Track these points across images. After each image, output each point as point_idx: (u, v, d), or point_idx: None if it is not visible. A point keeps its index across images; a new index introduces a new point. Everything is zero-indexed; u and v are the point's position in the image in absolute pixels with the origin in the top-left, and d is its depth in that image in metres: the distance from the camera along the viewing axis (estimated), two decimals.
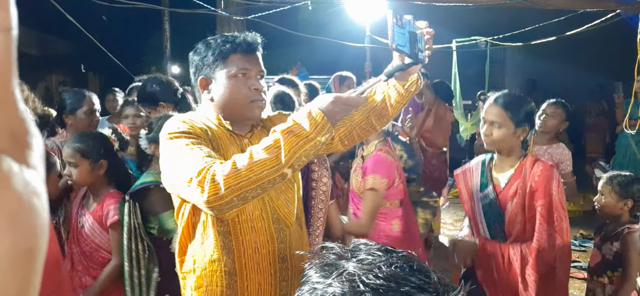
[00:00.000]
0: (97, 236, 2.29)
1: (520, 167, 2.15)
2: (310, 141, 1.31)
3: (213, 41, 1.58)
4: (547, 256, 2.03)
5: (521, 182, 2.11)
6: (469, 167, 2.36)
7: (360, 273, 0.67)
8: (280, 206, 1.59)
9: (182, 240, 1.62)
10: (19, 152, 0.45)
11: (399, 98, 1.54)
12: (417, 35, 1.37)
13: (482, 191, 2.23)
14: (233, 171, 1.29)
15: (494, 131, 2.12)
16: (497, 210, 2.16)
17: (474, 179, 2.29)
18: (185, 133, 1.45)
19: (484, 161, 2.30)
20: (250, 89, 1.54)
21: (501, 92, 2.23)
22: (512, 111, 2.12)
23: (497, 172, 2.22)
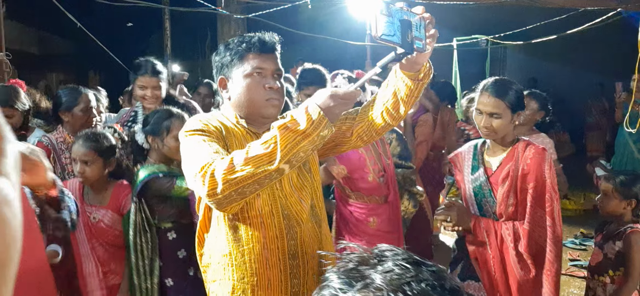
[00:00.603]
0: (118, 225, 2.47)
1: (513, 151, 2.18)
2: (307, 137, 1.31)
3: (232, 42, 1.62)
4: (538, 237, 2.08)
5: (513, 165, 2.13)
6: (462, 151, 2.39)
7: (388, 288, 0.63)
8: (292, 203, 1.60)
9: (200, 233, 1.69)
10: None
11: (408, 91, 1.49)
12: (410, 22, 1.30)
13: (473, 174, 2.26)
14: (230, 166, 1.32)
15: (494, 122, 2.12)
16: (488, 192, 2.20)
17: (465, 162, 2.33)
18: (200, 130, 1.50)
19: (476, 145, 2.33)
20: (266, 88, 1.56)
21: (491, 80, 2.22)
22: (507, 99, 2.13)
23: (489, 156, 2.26)
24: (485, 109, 2.13)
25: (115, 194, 2.48)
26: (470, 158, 2.31)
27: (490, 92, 2.14)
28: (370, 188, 2.61)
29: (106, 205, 2.46)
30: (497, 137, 2.16)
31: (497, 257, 2.12)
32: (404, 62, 1.43)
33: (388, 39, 1.25)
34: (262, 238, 1.55)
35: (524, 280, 2.09)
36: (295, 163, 1.35)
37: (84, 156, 2.36)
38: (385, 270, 0.65)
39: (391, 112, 1.56)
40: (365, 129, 1.64)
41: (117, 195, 2.47)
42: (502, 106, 2.11)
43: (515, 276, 2.09)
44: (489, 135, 2.16)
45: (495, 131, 2.13)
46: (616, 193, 2.46)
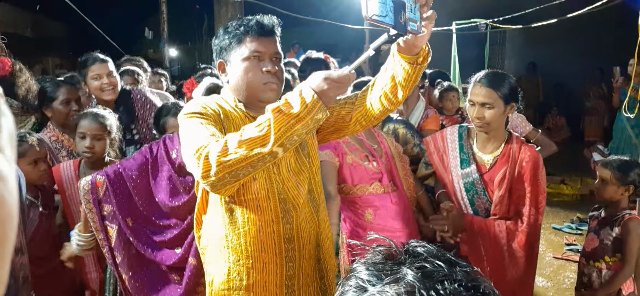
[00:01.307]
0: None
1: (507, 150, 2.18)
2: (301, 120, 1.31)
3: (231, 25, 1.60)
4: (534, 236, 2.15)
5: (510, 168, 2.14)
6: (442, 136, 2.36)
7: (419, 285, 0.61)
8: (289, 187, 1.60)
9: (198, 215, 1.70)
10: None
11: (406, 75, 1.46)
12: (404, 3, 1.26)
13: (464, 169, 2.24)
14: (224, 148, 1.33)
15: (486, 113, 2.12)
16: (482, 190, 2.19)
17: (449, 152, 2.30)
18: (198, 113, 1.50)
19: (460, 133, 2.31)
20: (264, 72, 1.55)
21: (483, 72, 2.21)
22: (500, 90, 2.12)
23: (480, 150, 2.24)
24: (477, 99, 2.13)
25: None
26: (457, 149, 2.28)
27: (482, 83, 2.14)
28: (362, 176, 2.34)
29: None
30: (490, 128, 2.16)
31: (491, 256, 2.14)
32: (402, 45, 1.40)
33: (380, 19, 1.22)
34: (258, 222, 1.56)
35: (516, 276, 2.13)
36: (289, 147, 1.35)
37: (96, 130, 2.43)
38: (417, 267, 0.63)
39: (389, 97, 1.53)
40: (363, 114, 1.63)
41: None
42: (494, 96, 2.11)
43: (508, 272, 2.13)
44: (482, 126, 2.15)
45: (488, 122, 2.13)
46: (614, 179, 2.46)
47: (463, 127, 2.34)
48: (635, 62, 3.90)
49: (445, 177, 2.32)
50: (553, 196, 5.82)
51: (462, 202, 2.25)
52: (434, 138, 2.40)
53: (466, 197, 2.24)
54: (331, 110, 1.65)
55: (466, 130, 2.32)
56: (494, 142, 2.21)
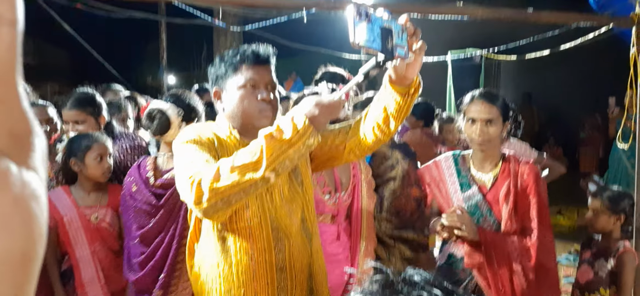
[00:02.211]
0: (118, 225, 2.45)
1: (506, 167, 2.16)
2: (293, 145, 1.32)
3: (227, 54, 1.63)
4: (546, 254, 2.07)
5: (513, 181, 2.11)
6: (436, 165, 2.31)
7: None
8: (282, 216, 1.59)
9: (190, 243, 1.69)
10: (19, 153, 0.43)
11: (397, 107, 1.48)
12: (391, 30, 1.29)
13: (465, 192, 2.19)
14: (216, 175, 1.33)
15: (490, 129, 2.10)
16: (488, 211, 2.15)
17: (447, 178, 2.25)
18: (192, 140, 1.51)
19: (455, 158, 2.27)
20: (259, 99, 1.57)
21: (479, 90, 2.21)
22: (499, 106, 2.13)
23: (479, 171, 2.21)
24: (480, 116, 2.10)
25: (112, 192, 2.46)
26: (454, 174, 2.24)
27: (483, 99, 2.13)
28: (322, 205, 2.26)
29: (106, 204, 2.44)
30: (491, 146, 2.14)
31: (501, 274, 2.08)
32: (393, 76, 1.43)
33: (368, 45, 1.24)
34: (250, 250, 1.55)
35: (526, 293, 2.06)
36: (281, 172, 1.35)
37: (108, 150, 2.41)
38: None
39: (382, 127, 1.55)
40: (357, 144, 1.64)
41: (114, 194, 2.45)
42: (496, 112, 2.11)
43: (519, 288, 2.06)
44: (483, 143, 2.12)
45: (491, 139, 2.11)
46: (604, 208, 2.47)
47: (457, 153, 2.31)
48: (630, 93, 3.95)
49: (441, 207, 2.28)
50: None
51: None
52: (428, 168, 2.35)
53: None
54: (325, 139, 1.66)
55: (460, 155, 2.29)
56: (492, 161, 2.19)
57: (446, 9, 3.52)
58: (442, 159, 2.32)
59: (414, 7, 3.28)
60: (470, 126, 2.14)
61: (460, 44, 6.98)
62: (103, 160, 2.39)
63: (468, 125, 2.15)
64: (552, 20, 3.79)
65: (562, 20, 3.78)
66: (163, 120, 2.11)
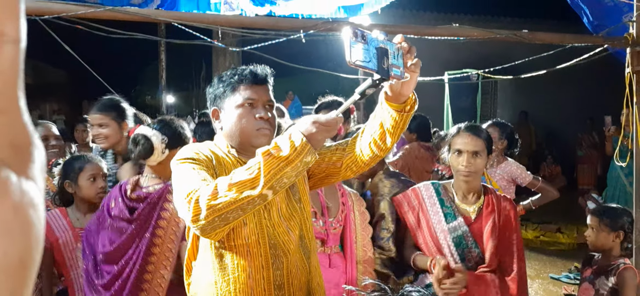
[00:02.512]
0: None
1: (489, 200, 2.20)
2: (290, 163, 1.33)
3: (225, 74, 1.66)
4: (523, 287, 2.14)
5: (497, 216, 2.16)
6: (415, 193, 2.28)
7: None
8: (280, 233, 1.59)
9: (188, 261, 1.69)
10: (19, 163, 0.45)
11: (394, 123, 1.50)
12: (387, 50, 1.31)
13: (449, 223, 2.19)
14: (214, 192, 1.34)
15: (478, 161, 2.15)
16: (473, 243, 2.17)
17: (428, 208, 2.23)
18: (190, 159, 1.52)
19: (436, 189, 2.27)
20: (256, 118, 1.59)
21: (465, 123, 2.27)
22: (484, 139, 2.19)
23: (462, 202, 2.23)
24: (467, 148, 2.15)
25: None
26: (438, 204, 2.23)
27: (471, 132, 2.18)
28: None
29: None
30: (476, 177, 2.19)
31: None
32: (389, 93, 1.45)
33: (363, 64, 1.26)
34: (248, 267, 1.55)
35: None
36: (278, 190, 1.36)
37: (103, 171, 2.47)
38: None
39: (378, 143, 1.56)
40: (353, 160, 1.65)
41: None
42: (482, 145, 2.17)
43: None
44: (470, 175, 2.16)
45: (477, 171, 2.17)
46: (603, 226, 2.47)
47: (436, 183, 2.32)
48: (626, 112, 3.98)
49: (423, 236, 2.23)
50: (549, 245, 5.78)
51: (451, 259, 2.17)
52: (406, 196, 2.31)
53: (456, 253, 2.18)
54: (322, 156, 1.68)
55: (441, 185, 2.29)
56: (474, 192, 2.23)
57: (442, 30, 3.56)
58: (421, 187, 2.30)
59: (411, 28, 3.32)
60: (456, 157, 2.19)
61: (457, 64, 7.05)
62: (96, 181, 2.43)
63: (454, 156, 2.20)
64: (548, 40, 3.84)
65: (557, 40, 3.82)
66: (146, 146, 2.18)
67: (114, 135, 2.64)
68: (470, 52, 7.28)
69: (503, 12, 9.78)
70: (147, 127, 2.30)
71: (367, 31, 1.29)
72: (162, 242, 2.13)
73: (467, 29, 3.54)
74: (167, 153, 2.19)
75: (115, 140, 2.65)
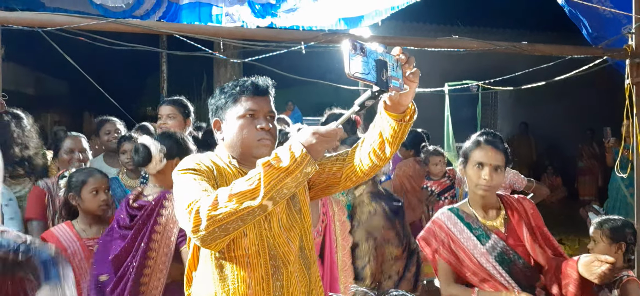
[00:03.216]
0: None
1: (509, 206, 2.15)
2: (291, 173, 1.34)
3: (227, 86, 1.68)
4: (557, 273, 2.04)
5: (526, 219, 2.11)
6: (439, 225, 2.16)
7: None
8: (280, 244, 1.60)
9: (188, 272, 1.69)
10: None
11: (393, 132, 1.51)
12: (386, 62, 1.33)
13: (485, 244, 2.08)
14: (214, 203, 1.35)
15: (498, 176, 2.07)
16: (515, 255, 2.08)
17: (459, 236, 2.11)
18: (191, 170, 1.53)
19: (458, 214, 2.15)
20: (258, 129, 1.60)
21: (486, 135, 2.15)
22: (504, 152, 2.12)
23: (487, 220, 2.14)
24: (490, 162, 2.05)
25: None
26: (466, 230, 2.11)
27: (493, 145, 2.09)
28: None
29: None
30: (494, 191, 2.12)
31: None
32: (388, 103, 1.45)
33: (363, 76, 1.28)
34: (248, 278, 1.55)
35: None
36: (278, 200, 1.37)
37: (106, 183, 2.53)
38: None
39: (377, 153, 1.57)
40: (353, 170, 1.66)
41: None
42: (503, 160, 2.09)
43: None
44: (489, 190, 2.07)
45: (496, 186, 2.08)
46: (605, 238, 2.47)
47: (454, 208, 2.21)
48: (626, 123, 3.98)
49: (467, 267, 2.10)
50: None
51: (501, 278, 2.07)
52: (431, 231, 2.18)
53: (503, 271, 2.07)
54: (322, 167, 1.68)
55: (459, 210, 2.18)
56: (492, 206, 2.15)
57: (442, 42, 3.58)
58: (443, 218, 2.18)
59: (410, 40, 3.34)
60: (477, 170, 2.08)
61: (457, 75, 7.07)
62: (98, 194, 2.46)
63: (474, 169, 2.09)
64: (547, 52, 3.86)
65: (556, 52, 3.85)
66: (145, 154, 2.28)
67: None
68: (470, 63, 7.31)
69: (503, 23, 9.82)
70: (149, 136, 2.40)
71: (366, 44, 1.31)
72: (158, 247, 2.19)
73: (466, 41, 3.56)
74: (165, 162, 2.28)
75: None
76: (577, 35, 4.77)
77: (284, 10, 4.92)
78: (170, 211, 2.15)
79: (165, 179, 2.23)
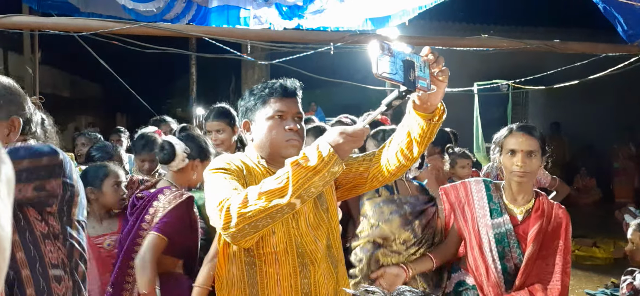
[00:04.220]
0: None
1: (539, 205, 2.10)
2: (318, 173, 1.35)
3: (256, 88, 1.71)
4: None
5: (545, 222, 2.06)
6: (464, 187, 2.22)
7: None
8: (307, 242, 1.62)
9: (218, 268, 1.72)
10: None
11: (421, 132, 1.51)
12: (413, 63, 1.33)
13: (494, 219, 2.11)
14: (244, 201, 1.38)
15: (533, 161, 2.04)
16: (515, 243, 2.09)
17: (476, 202, 2.17)
18: (222, 169, 1.57)
19: (487, 185, 2.20)
20: (286, 130, 1.63)
21: (517, 123, 2.17)
22: (540, 139, 2.08)
23: (510, 203, 2.14)
24: (522, 147, 2.04)
25: (123, 220, 2.50)
26: (485, 198, 2.16)
27: (524, 131, 2.08)
28: None
29: (117, 230, 2.49)
30: (529, 179, 2.09)
31: None
32: (417, 102, 1.45)
33: (390, 76, 1.28)
34: (276, 275, 1.58)
35: None
36: (306, 199, 1.39)
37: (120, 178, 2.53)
38: None
39: (405, 153, 1.57)
40: (379, 170, 1.66)
41: (125, 222, 2.48)
42: (537, 145, 2.06)
43: None
44: (524, 175, 2.05)
45: (531, 172, 2.05)
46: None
47: (488, 180, 2.24)
48: None
49: (467, 230, 2.18)
50: (585, 259, 5.60)
51: (489, 255, 2.10)
52: (455, 188, 2.24)
53: (495, 250, 2.10)
54: (349, 167, 1.69)
55: (492, 183, 2.22)
56: (524, 195, 2.12)
57: (471, 41, 3.54)
58: (472, 181, 2.23)
59: (439, 40, 3.31)
60: (510, 158, 2.08)
61: (486, 75, 6.96)
62: (119, 188, 2.51)
63: (507, 157, 2.09)
64: (580, 50, 3.76)
65: (590, 50, 3.74)
66: (169, 152, 2.38)
67: (228, 139, 2.91)
68: (499, 62, 7.19)
69: (534, 21, 9.59)
70: (174, 136, 2.52)
71: (394, 44, 1.32)
72: (146, 235, 2.28)
73: (496, 40, 3.50)
74: (186, 162, 2.39)
75: (230, 143, 2.91)
76: (611, 33, 4.63)
77: (311, 11, 4.94)
78: (161, 203, 2.28)
79: (183, 177, 2.40)
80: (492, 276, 2.07)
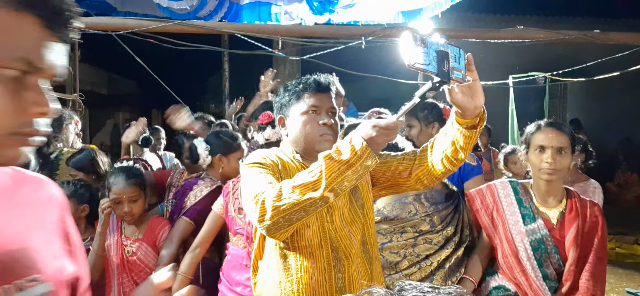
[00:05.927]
0: (151, 260, 2.46)
1: (572, 205, 2.03)
2: (351, 166, 1.36)
3: (290, 84, 1.74)
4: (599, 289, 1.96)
5: (580, 223, 1.99)
6: (491, 191, 2.13)
7: None
8: (342, 237, 1.63)
9: (255, 261, 1.77)
10: None
11: (466, 139, 1.52)
12: (448, 54, 1.29)
13: (527, 225, 2.03)
14: (279, 194, 1.40)
15: (562, 159, 1.99)
16: (553, 248, 2.01)
17: (505, 207, 2.08)
18: (258, 163, 1.61)
19: (514, 187, 2.11)
20: (320, 125, 1.65)
21: (545, 120, 2.10)
22: (570, 135, 2.03)
23: (542, 205, 2.06)
24: (551, 144, 1.98)
25: (151, 227, 2.50)
26: (515, 204, 2.08)
27: (554, 127, 2.03)
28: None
29: (141, 237, 2.47)
30: (559, 177, 2.02)
31: None
32: (461, 111, 1.44)
33: (423, 67, 1.25)
34: (311, 269, 1.59)
35: None
36: (339, 192, 1.39)
37: (131, 193, 2.38)
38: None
39: (451, 159, 1.58)
40: (425, 173, 1.67)
41: (153, 228, 2.50)
42: (566, 141, 2.00)
43: None
44: (554, 173, 1.99)
45: (561, 169, 1.99)
46: None
47: (515, 182, 2.16)
48: None
49: (498, 237, 2.09)
50: (626, 257, 5.41)
51: (527, 263, 2.01)
52: (480, 193, 2.15)
53: (533, 258, 2.00)
54: (388, 165, 1.70)
55: (519, 184, 2.14)
56: (555, 196, 2.05)
57: (506, 33, 3.46)
58: (498, 185, 2.15)
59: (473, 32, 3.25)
60: (538, 154, 2.02)
61: (522, 67, 6.78)
62: (121, 204, 2.38)
63: (536, 153, 2.03)
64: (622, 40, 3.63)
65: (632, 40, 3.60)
66: (195, 155, 2.63)
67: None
68: (536, 54, 6.99)
69: (572, 11, 9.27)
70: (200, 139, 2.74)
71: (427, 35, 1.29)
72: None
73: (532, 31, 3.41)
74: (209, 158, 2.64)
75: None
76: None
77: (342, 6, 4.92)
78: (193, 192, 2.62)
79: (213, 171, 2.67)
80: (534, 285, 2.00)
